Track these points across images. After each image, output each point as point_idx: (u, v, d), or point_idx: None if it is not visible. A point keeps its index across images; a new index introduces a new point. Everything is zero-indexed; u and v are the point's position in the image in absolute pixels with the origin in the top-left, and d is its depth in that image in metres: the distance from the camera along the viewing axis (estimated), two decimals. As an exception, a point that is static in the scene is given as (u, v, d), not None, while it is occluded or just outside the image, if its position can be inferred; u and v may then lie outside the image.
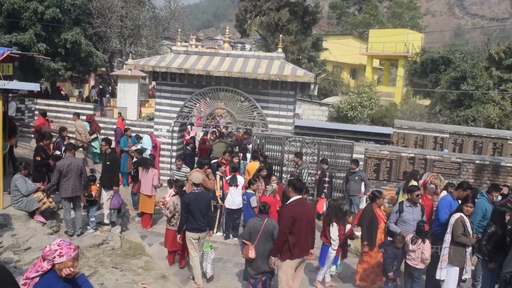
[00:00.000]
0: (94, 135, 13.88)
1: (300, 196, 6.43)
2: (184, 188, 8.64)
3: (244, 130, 15.26)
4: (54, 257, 3.48)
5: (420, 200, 7.95)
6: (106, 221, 9.70)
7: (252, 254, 6.66)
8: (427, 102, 30.31)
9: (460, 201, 7.41)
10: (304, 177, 11.05)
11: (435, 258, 7.16)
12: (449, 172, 12.17)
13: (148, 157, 11.95)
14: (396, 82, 40.52)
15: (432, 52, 29.59)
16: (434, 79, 27.67)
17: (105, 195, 9.59)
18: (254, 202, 9.19)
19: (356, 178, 11.14)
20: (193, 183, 7.85)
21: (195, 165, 11.32)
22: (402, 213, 7.61)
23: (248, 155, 12.63)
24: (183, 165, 11.44)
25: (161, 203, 10.13)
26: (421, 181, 9.60)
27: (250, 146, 13.86)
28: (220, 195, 10.11)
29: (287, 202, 6.64)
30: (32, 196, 8.49)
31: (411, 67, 32.00)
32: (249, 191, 9.50)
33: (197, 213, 7.41)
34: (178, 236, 7.74)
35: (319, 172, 11.85)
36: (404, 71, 36.81)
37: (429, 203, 8.90)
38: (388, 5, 63.51)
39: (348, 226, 8.21)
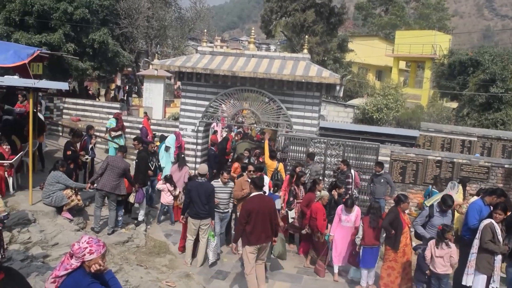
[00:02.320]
0: (119, 132, 14.08)
1: (260, 192, 7.13)
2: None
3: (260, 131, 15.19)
4: (84, 255, 3.52)
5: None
6: (141, 218, 9.96)
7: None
8: (454, 104, 29.71)
9: (491, 207, 7.20)
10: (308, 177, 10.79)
11: (463, 263, 6.99)
12: (477, 176, 11.90)
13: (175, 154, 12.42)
14: (423, 84, 39.81)
15: (460, 54, 28.97)
16: (461, 81, 27.11)
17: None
18: (278, 204, 9.07)
19: (382, 180, 10.99)
20: (198, 173, 8.43)
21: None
22: (432, 217, 7.45)
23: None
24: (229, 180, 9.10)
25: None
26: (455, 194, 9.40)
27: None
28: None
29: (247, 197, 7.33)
30: (62, 192, 8.65)
31: (438, 69, 31.35)
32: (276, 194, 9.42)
33: (197, 201, 8.09)
34: (182, 216, 8.63)
35: (335, 173, 11.66)
36: (431, 73, 36.15)
37: None
38: (415, 6, 62.52)
39: None
